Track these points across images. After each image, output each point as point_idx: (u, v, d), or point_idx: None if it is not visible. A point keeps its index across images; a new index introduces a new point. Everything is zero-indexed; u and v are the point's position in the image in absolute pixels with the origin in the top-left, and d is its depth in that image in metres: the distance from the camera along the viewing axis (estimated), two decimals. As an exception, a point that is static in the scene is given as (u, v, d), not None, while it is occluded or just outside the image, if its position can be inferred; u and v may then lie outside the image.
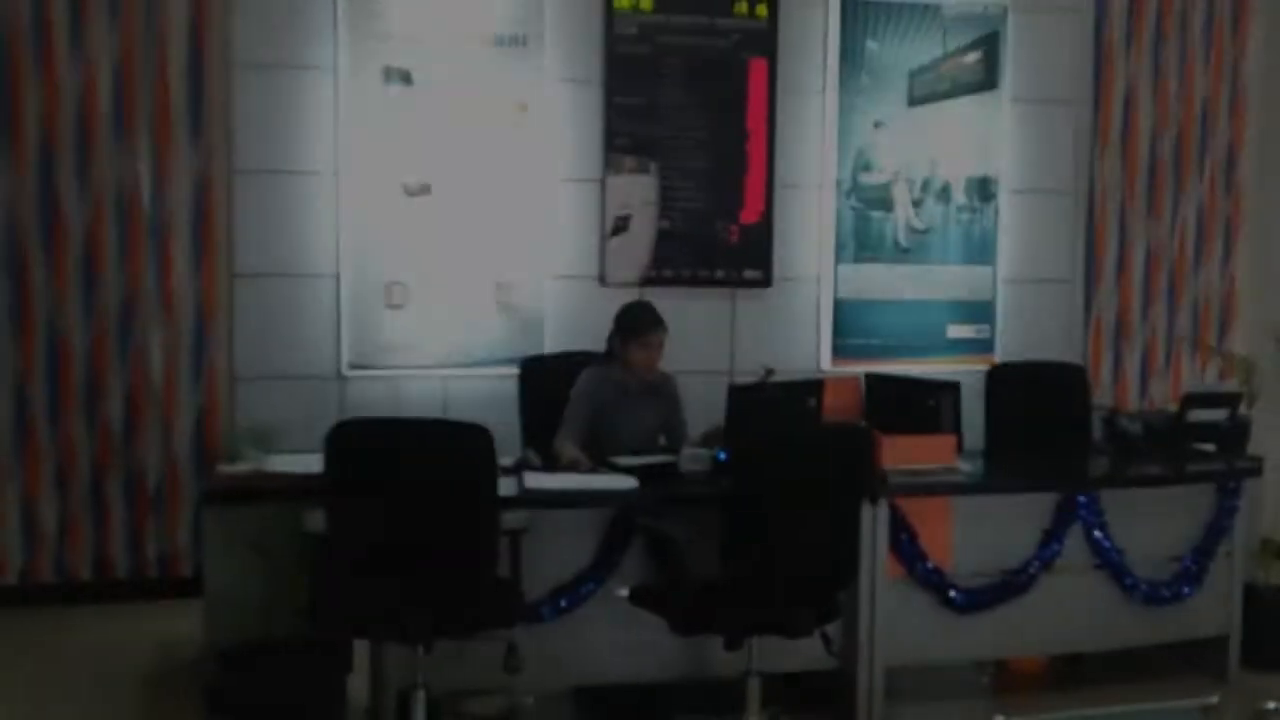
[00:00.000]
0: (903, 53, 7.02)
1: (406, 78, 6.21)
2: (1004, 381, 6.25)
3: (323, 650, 4.64)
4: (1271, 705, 3.03)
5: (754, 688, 4.59)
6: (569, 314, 6.48)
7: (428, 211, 6.30)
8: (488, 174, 6.37)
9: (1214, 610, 5.57)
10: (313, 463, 4.15)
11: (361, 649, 4.73)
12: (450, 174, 6.32)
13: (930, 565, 5.07)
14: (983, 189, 7.21)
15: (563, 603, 4.68)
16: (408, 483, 4.01)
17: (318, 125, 6.20)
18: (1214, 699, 3.03)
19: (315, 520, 4.19)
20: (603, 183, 6.57)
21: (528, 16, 6.37)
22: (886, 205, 7.06)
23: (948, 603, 5.10)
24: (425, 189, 6.26)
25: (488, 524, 4.15)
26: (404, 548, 4.05)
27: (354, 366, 6.24)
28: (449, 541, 4.09)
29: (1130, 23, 7.54)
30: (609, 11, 6.49)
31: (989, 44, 7.15)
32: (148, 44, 6.12)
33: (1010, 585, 5.18)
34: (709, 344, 6.72)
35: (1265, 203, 7.82)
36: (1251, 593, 5.72)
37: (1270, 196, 7.78)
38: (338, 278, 6.23)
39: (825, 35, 6.90)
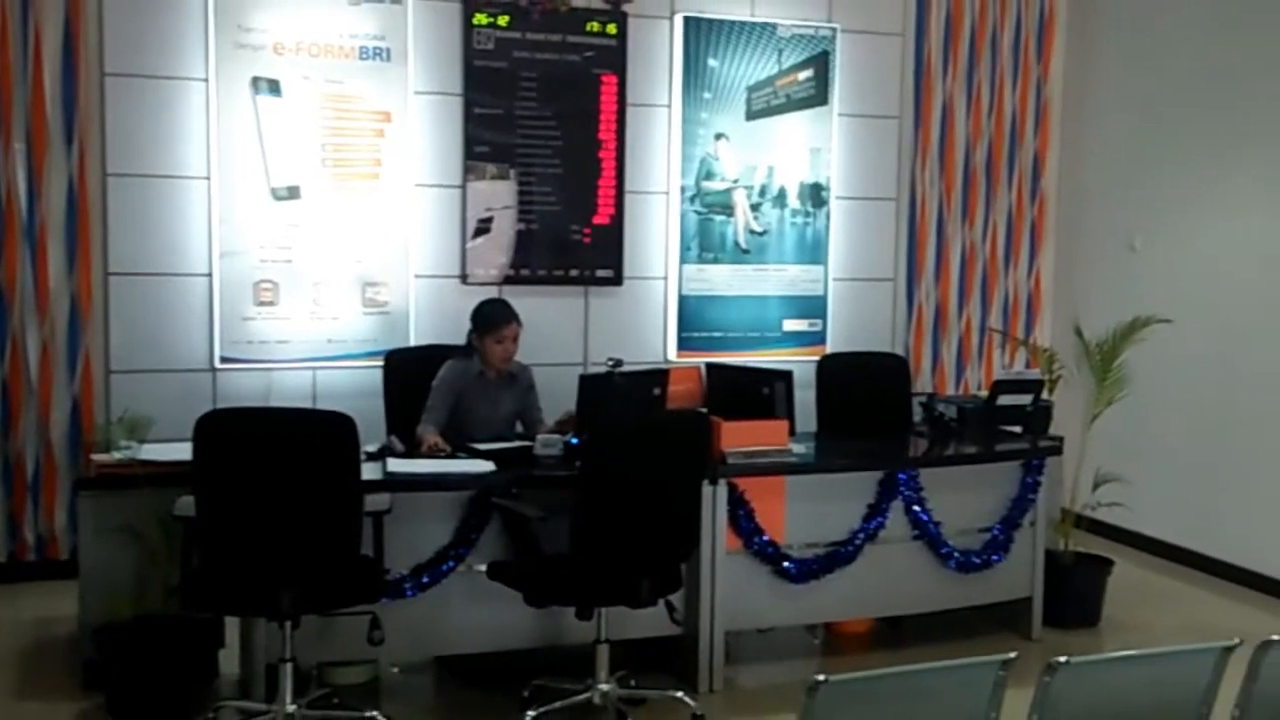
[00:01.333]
0: (741, 70, 7.08)
1: (275, 88, 6.10)
2: (833, 370, 6.34)
3: (194, 627, 4.57)
4: (1063, 659, 3.13)
5: (603, 654, 4.64)
6: (433, 310, 6.43)
7: (296, 214, 6.19)
8: (354, 179, 6.29)
9: (1019, 575, 5.71)
10: (184, 451, 4.09)
11: (232, 625, 4.70)
12: (318, 179, 6.22)
13: (765, 539, 5.12)
14: (815, 195, 7.32)
15: (425, 579, 4.65)
16: (272, 468, 3.96)
17: (191, 132, 6.07)
18: (1012, 655, 3.12)
19: (185, 505, 4.10)
20: (463, 188, 6.52)
21: (391, 32, 6.29)
22: (727, 210, 7.12)
23: (781, 572, 5.16)
24: (294, 193, 6.16)
25: (349, 506, 4.11)
26: (269, 530, 3.99)
27: (225, 360, 6.11)
28: (312, 523, 4.04)
29: (947, 45, 7.70)
30: (468, 27, 6.43)
31: (820, 63, 7.25)
32: (23, 54, 5.91)
33: (838, 555, 5.25)
34: (564, 338, 6.73)
35: (1067, 209, 8.05)
36: (1052, 559, 5.89)
37: (1071, 203, 8.02)
38: (210, 276, 6.10)
39: (670, 53, 6.93)
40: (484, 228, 6.60)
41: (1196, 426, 7.02)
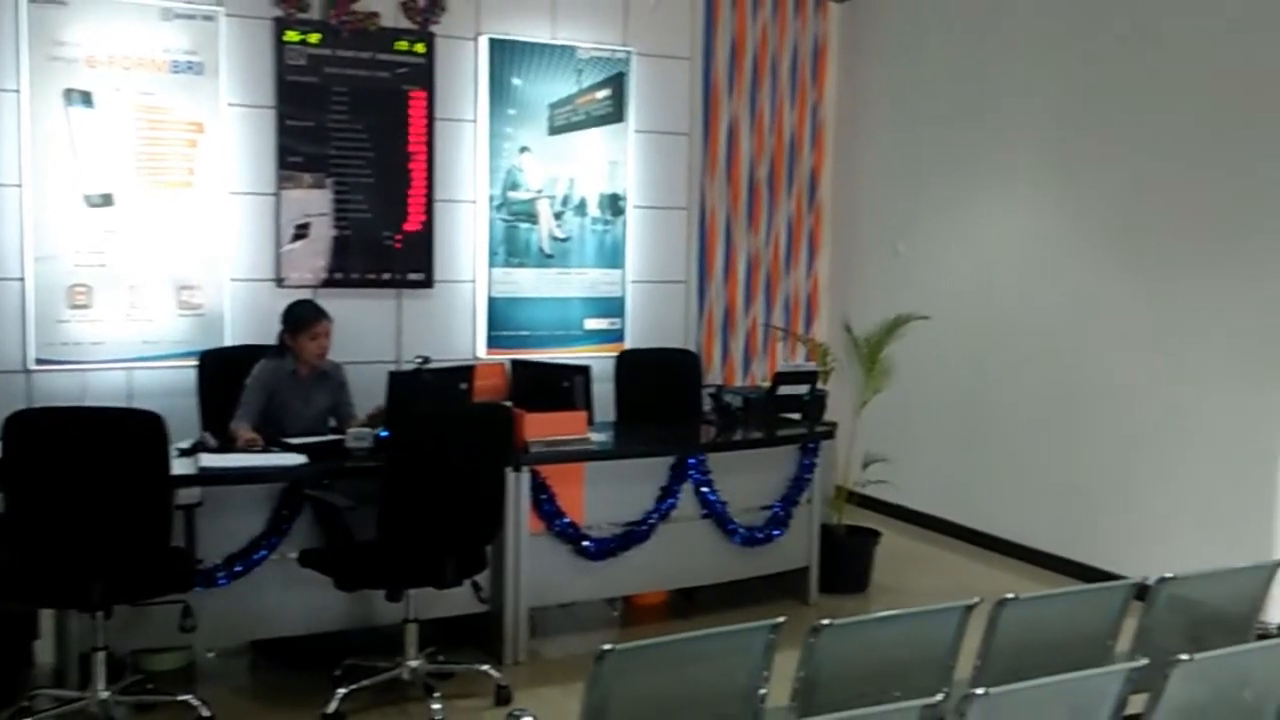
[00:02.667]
0: (543, 88, 7.04)
1: (88, 99, 5.80)
2: (631, 365, 6.37)
3: (8, 618, 4.34)
4: (826, 621, 3.20)
5: (412, 632, 4.57)
6: (250, 312, 6.19)
7: (111, 220, 5.90)
8: (168, 187, 6.02)
9: (798, 547, 5.83)
10: (-6, 450, 3.86)
11: (47, 615, 4.49)
12: (132, 187, 5.92)
13: (566, 520, 5.11)
14: (613, 205, 7.32)
15: (238, 567, 4.52)
16: (79, 465, 3.79)
17: (3, 142, 5.73)
18: (781, 619, 3.17)
19: (-3, 502, 3.89)
20: (278, 196, 6.31)
21: (203, 46, 6.04)
22: (532, 218, 7.06)
23: (581, 551, 5.16)
24: (108, 200, 5.86)
25: (158, 500, 3.97)
26: (78, 524, 3.81)
27: (41, 362, 5.77)
28: (120, 517, 3.88)
29: (732, 70, 7.80)
30: (279, 44, 6.22)
31: (616, 83, 7.26)
32: None
33: (634, 534, 5.28)
34: (378, 338, 6.58)
35: (841, 218, 8.24)
36: (827, 532, 6.03)
37: (844, 213, 8.21)
38: (23, 280, 5.76)
39: (476, 72, 6.84)
40: (302, 233, 6.40)
41: (952, 411, 7.28)
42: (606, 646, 2.96)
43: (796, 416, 6.09)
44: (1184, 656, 2.97)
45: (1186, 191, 5.89)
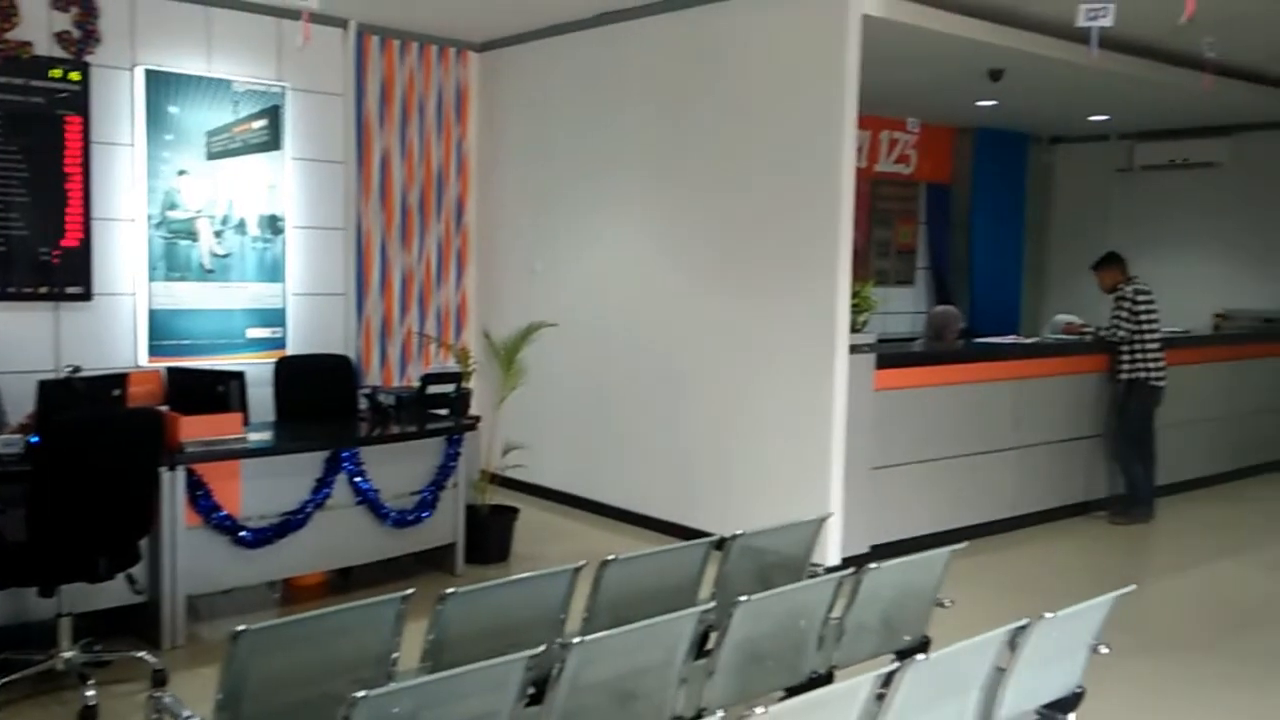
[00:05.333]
0: (200, 117, 6.56)
1: None
2: (290, 370, 6.02)
3: None
4: (451, 590, 3.10)
5: (65, 625, 4.13)
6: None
7: None
8: None
9: (445, 526, 5.70)
10: None
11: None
12: None
13: (223, 514, 4.76)
14: (272, 225, 6.93)
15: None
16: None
17: None
18: (410, 591, 3.06)
19: None
20: (-74, 213, 5.57)
21: None
22: (192, 236, 6.57)
23: (239, 540, 4.82)
24: None
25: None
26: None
27: None
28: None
29: (382, 105, 7.57)
30: (-75, 66, 5.52)
31: (272, 114, 6.88)
32: None
33: (290, 523, 4.99)
34: (37, 349, 5.93)
35: (485, 240, 8.17)
36: (472, 511, 5.93)
37: (488, 235, 8.14)
38: None
39: (132, 100, 6.29)
40: (-39, 251, 5.67)
41: (580, 402, 7.36)
42: (241, 627, 2.75)
43: (444, 412, 5.96)
44: (743, 598, 3.07)
45: (755, 221, 6.21)
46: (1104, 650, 3.22)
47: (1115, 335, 7.31)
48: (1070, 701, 3.20)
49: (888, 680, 2.58)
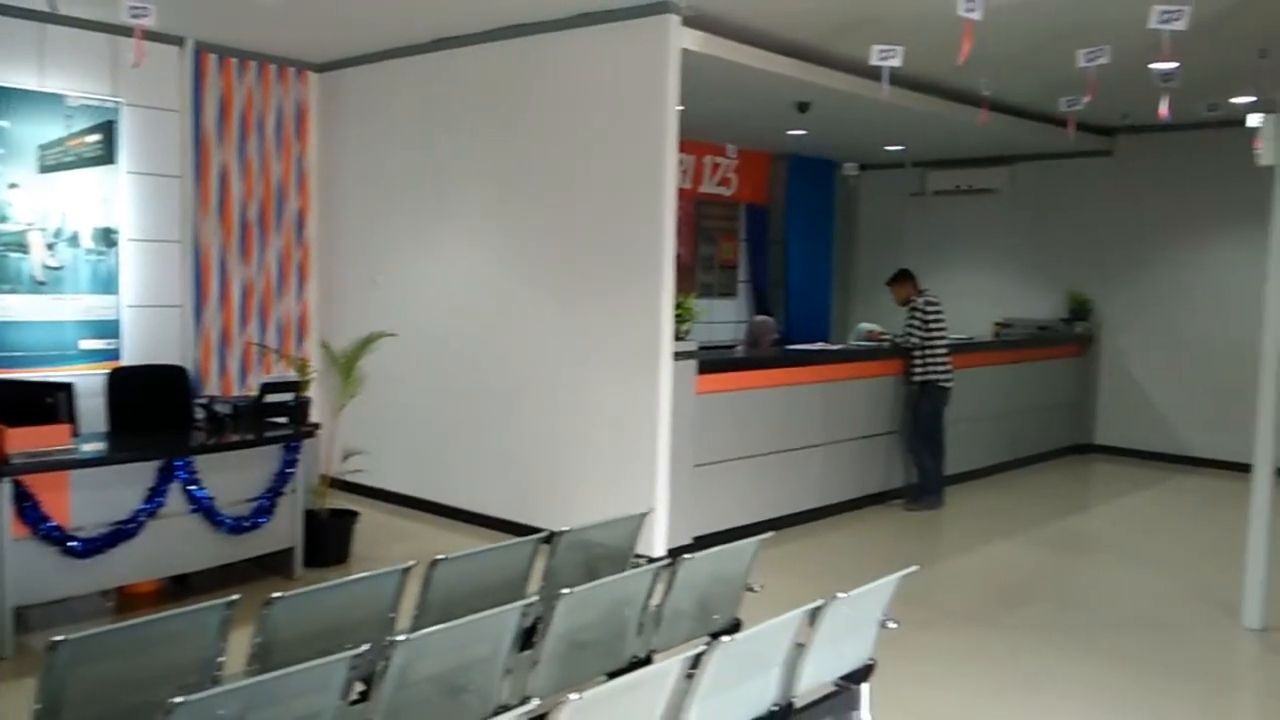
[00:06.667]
0: (32, 131, 6.13)
1: None
2: (122, 381, 5.66)
3: None
4: (278, 594, 2.98)
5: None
6: None
7: None
8: None
9: (284, 531, 5.48)
10: None
11: None
12: None
13: (52, 524, 4.45)
14: (107, 238, 6.53)
15: None
16: None
17: None
18: (235, 596, 2.92)
19: None
20: None
21: None
22: (23, 248, 6.13)
23: (69, 550, 4.52)
24: None
25: None
26: None
27: None
28: None
29: (221, 122, 7.25)
30: None
31: (107, 129, 6.49)
32: None
33: (122, 532, 4.70)
34: None
35: (327, 253, 7.91)
36: (311, 515, 5.72)
37: (330, 249, 7.89)
38: None
39: (-43, 109, 5.86)
40: None
41: (422, 408, 7.21)
42: (59, 637, 2.57)
43: (283, 420, 5.73)
44: (566, 590, 3.05)
45: (586, 237, 6.22)
46: (892, 625, 3.34)
47: (909, 342, 7.63)
48: (863, 673, 3.30)
49: (698, 661, 2.61)
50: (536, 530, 6.05)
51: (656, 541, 5.85)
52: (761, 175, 11.04)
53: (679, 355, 5.99)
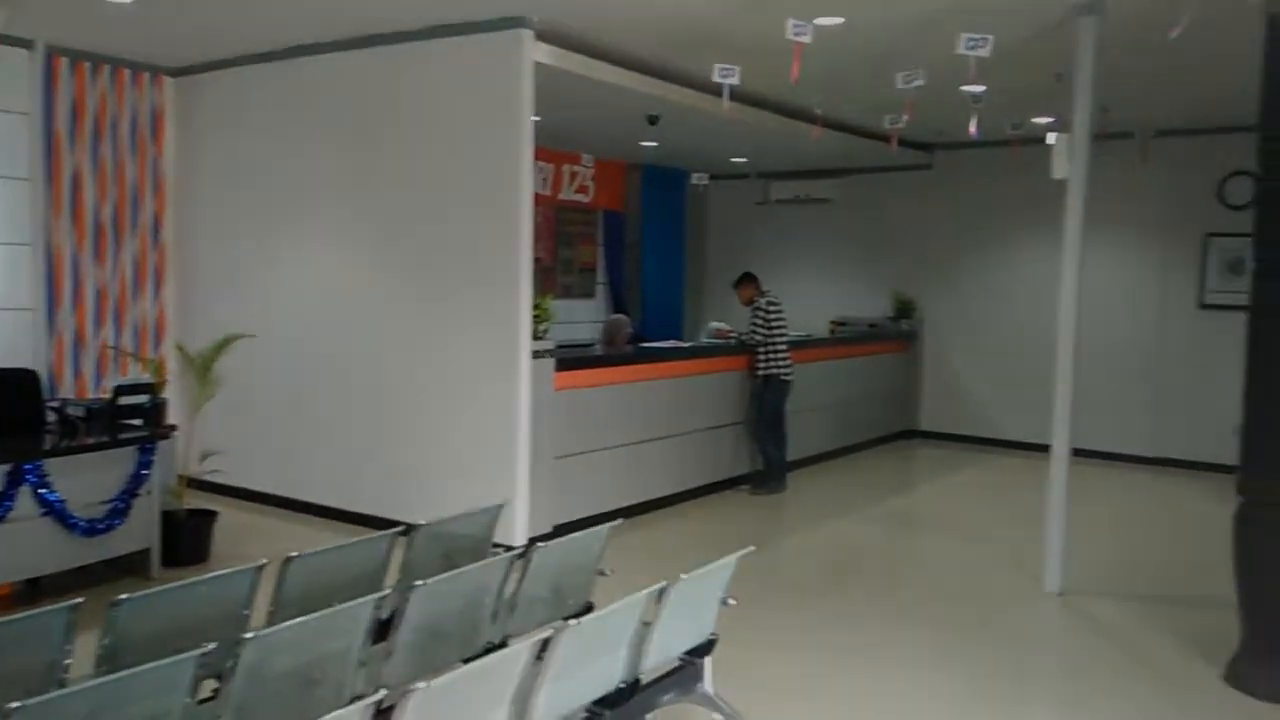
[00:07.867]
0: None
1: None
2: (-32, 385, 5.29)
3: None
4: (124, 596, 2.83)
5: None
6: None
7: None
8: None
9: (140, 532, 5.21)
10: None
11: None
12: None
13: (-114, 535, 4.10)
14: (-51, 239, 6.07)
15: None
16: None
17: None
18: (79, 600, 2.77)
19: None
20: None
21: None
22: None
23: (-94, 563, 4.17)
24: None
25: None
26: None
27: None
28: None
29: (73, 124, 6.81)
30: None
31: (-53, 127, 6.03)
32: None
33: (-34, 540, 4.38)
34: None
35: (184, 256, 7.53)
36: (169, 515, 5.46)
37: (187, 251, 7.51)
38: None
39: None
40: None
41: (284, 407, 6.95)
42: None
43: (138, 422, 5.44)
44: (419, 581, 2.99)
45: (445, 240, 6.12)
46: (731, 602, 3.39)
47: (752, 339, 7.79)
48: (705, 647, 3.35)
49: (547, 644, 2.59)
50: (398, 524, 5.98)
51: (518, 531, 5.80)
52: (618, 183, 11.09)
53: (537, 354, 5.95)
